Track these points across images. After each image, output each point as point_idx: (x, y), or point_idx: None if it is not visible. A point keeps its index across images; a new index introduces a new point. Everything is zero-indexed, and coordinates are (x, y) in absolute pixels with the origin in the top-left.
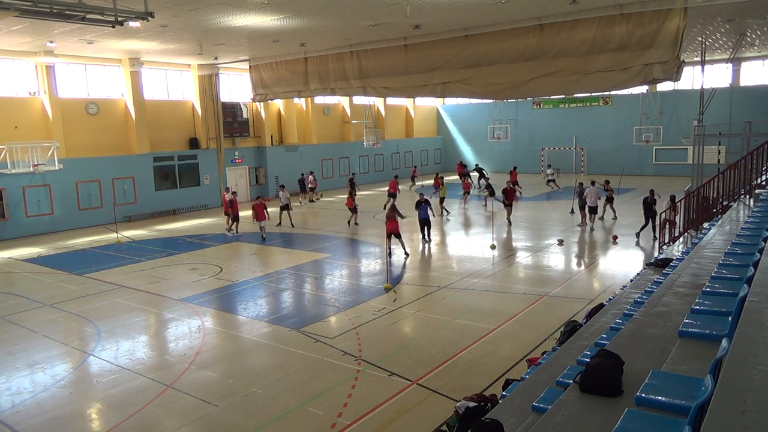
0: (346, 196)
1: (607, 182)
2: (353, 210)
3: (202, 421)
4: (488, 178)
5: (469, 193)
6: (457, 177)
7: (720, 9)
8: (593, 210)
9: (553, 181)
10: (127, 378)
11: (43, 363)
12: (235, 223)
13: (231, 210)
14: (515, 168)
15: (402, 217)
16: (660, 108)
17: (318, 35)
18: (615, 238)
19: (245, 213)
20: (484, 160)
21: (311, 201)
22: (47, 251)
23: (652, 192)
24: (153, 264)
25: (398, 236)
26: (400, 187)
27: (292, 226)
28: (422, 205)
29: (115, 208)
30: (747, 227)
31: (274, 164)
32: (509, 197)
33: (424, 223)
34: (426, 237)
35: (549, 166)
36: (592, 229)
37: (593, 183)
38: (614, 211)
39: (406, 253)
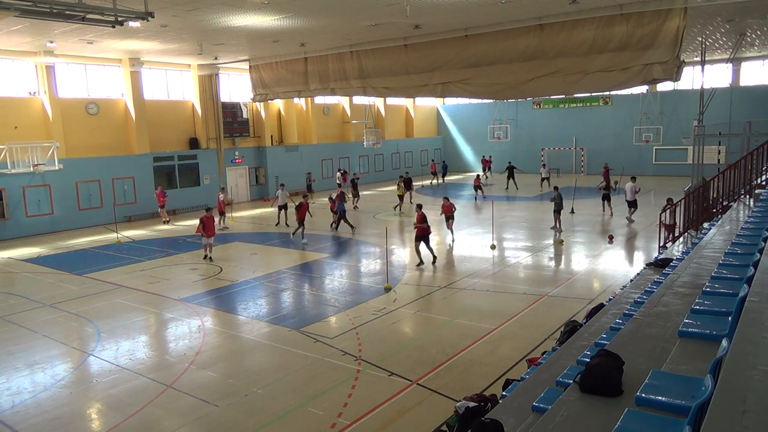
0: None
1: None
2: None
3: (202, 421)
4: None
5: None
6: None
7: (720, 9)
8: (632, 204)
9: (485, 177)
10: (127, 378)
11: (43, 363)
12: (301, 228)
13: (297, 214)
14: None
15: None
16: (660, 108)
17: (318, 35)
18: (611, 237)
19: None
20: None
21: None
22: (47, 251)
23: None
24: (153, 264)
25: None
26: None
27: (287, 225)
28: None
29: (115, 208)
30: (747, 227)
31: (274, 164)
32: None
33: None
34: (335, 226)
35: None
36: (630, 220)
37: (633, 179)
38: (611, 209)
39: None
